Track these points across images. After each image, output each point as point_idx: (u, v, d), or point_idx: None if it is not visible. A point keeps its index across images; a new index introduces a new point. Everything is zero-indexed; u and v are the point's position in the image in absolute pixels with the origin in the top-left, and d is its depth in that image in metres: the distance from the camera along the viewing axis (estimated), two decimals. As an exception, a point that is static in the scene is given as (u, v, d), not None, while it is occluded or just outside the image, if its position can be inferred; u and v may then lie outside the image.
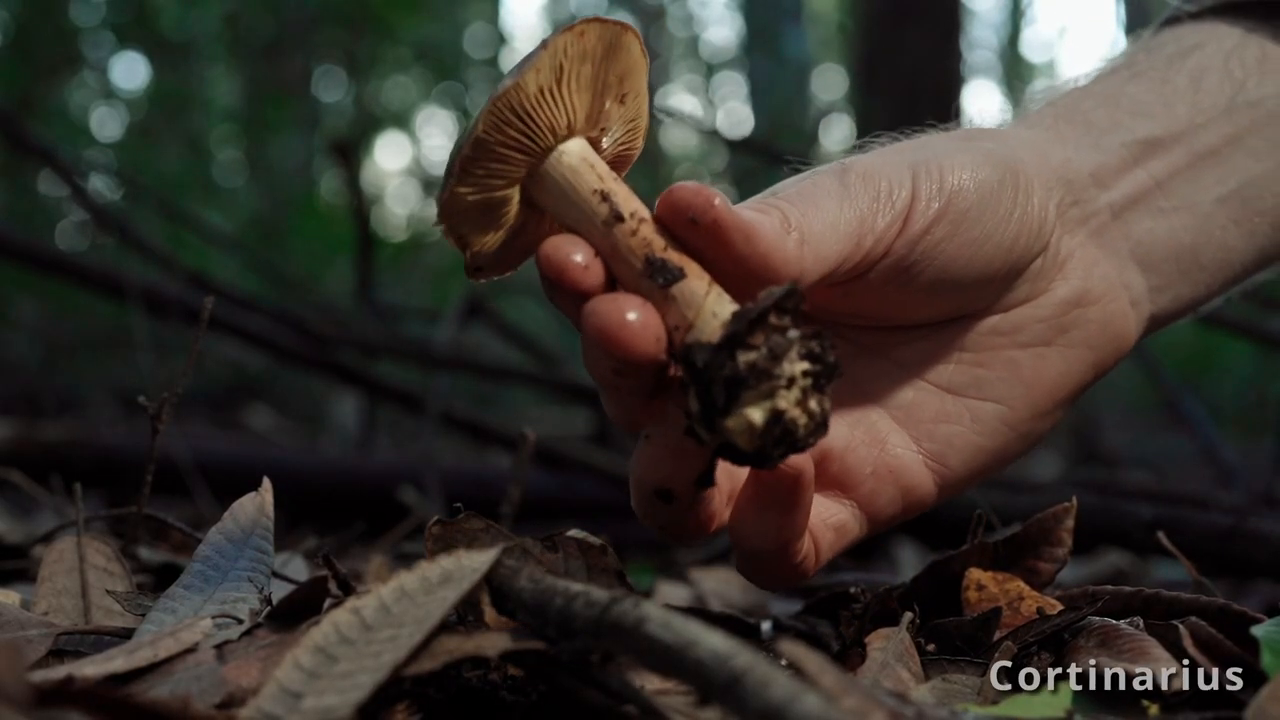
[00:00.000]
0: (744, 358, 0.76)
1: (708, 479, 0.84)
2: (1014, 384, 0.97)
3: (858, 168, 0.88)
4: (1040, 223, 0.94)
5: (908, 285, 0.91)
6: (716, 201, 0.79)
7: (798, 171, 0.94)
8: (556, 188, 0.83)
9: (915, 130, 1.00)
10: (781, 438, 0.77)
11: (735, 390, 0.76)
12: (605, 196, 0.81)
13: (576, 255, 0.80)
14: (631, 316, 0.77)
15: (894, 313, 0.95)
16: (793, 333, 0.77)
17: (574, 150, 0.83)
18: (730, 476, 0.90)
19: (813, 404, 0.77)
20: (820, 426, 0.78)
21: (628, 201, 0.82)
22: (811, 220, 0.83)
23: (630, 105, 0.86)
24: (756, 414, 0.76)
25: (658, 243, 0.80)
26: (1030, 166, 0.95)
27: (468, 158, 0.81)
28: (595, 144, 0.85)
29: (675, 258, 0.80)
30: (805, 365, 0.77)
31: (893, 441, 0.96)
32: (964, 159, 0.91)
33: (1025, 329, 0.97)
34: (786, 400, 0.76)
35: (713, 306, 0.78)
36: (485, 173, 0.83)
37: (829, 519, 0.93)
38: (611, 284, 0.81)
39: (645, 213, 0.82)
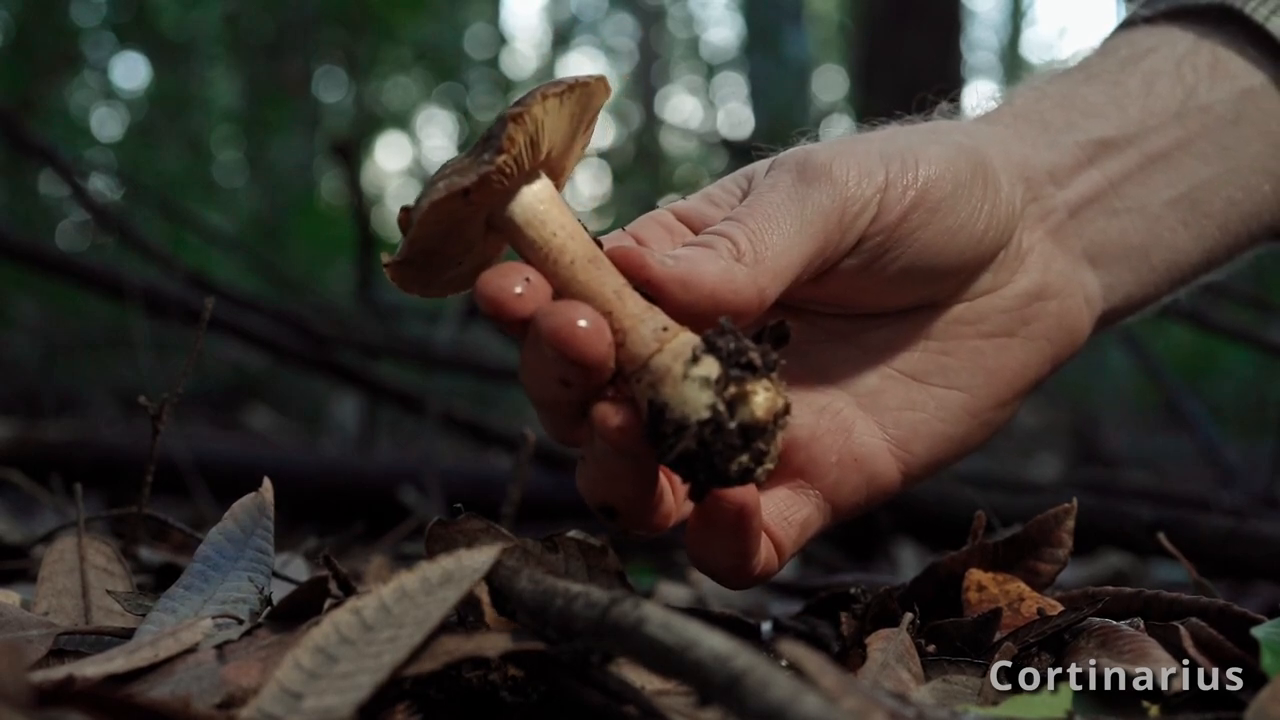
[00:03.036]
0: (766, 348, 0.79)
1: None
2: (977, 372, 0.99)
3: (820, 157, 0.89)
4: (1008, 215, 0.96)
5: (880, 273, 0.92)
6: (647, 262, 0.81)
7: (763, 157, 0.94)
8: (536, 209, 0.83)
9: (880, 123, 1.01)
10: (773, 424, 0.78)
11: (767, 366, 0.78)
12: (583, 223, 0.84)
13: (515, 287, 0.80)
14: (583, 322, 0.78)
15: (864, 299, 0.96)
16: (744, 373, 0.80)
17: (531, 195, 0.84)
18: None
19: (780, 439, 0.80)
20: (775, 457, 0.80)
21: (585, 248, 0.84)
22: (767, 237, 0.84)
23: (580, 152, 0.89)
24: (775, 396, 0.78)
25: None
26: (996, 160, 0.96)
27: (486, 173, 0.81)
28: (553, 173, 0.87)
29: None
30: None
31: (859, 429, 0.97)
32: (937, 150, 0.93)
33: (989, 319, 0.99)
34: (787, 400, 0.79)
35: (659, 332, 0.80)
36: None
37: (792, 516, 0.94)
38: None
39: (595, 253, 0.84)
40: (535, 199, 0.83)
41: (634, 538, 0.91)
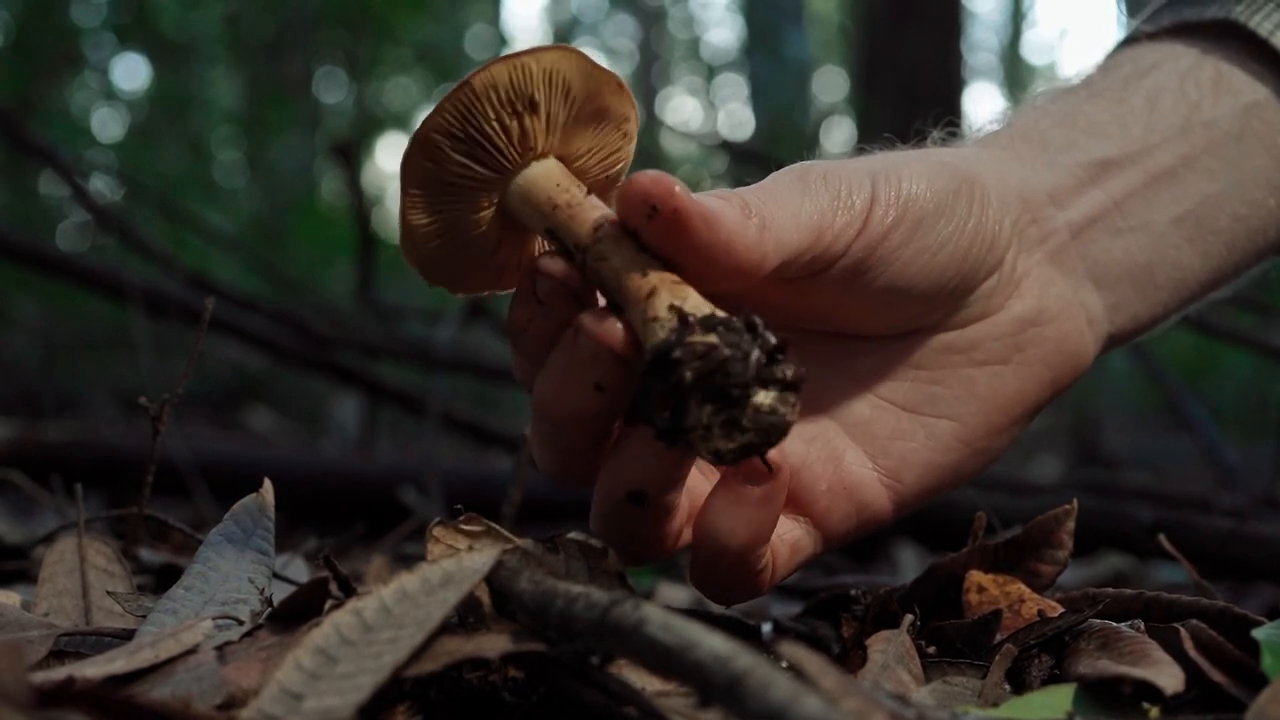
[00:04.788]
0: (712, 351, 0.76)
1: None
2: (969, 401, 0.98)
3: (817, 169, 0.89)
4: (994, 235, 0.94)
5: (861, 291, 0.91)
6: (676, 189, 0.79)
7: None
8: (516, 202, 0.87)
9: (875, 148, 1.01)
10: (755, 429, 0.77)
11: (708, 384, 0.76)
12: (588, 190, 0.86)
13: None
14: (619, 324, 0.80)
15: (846, 318, 0.95)
16: (760, 336, 0.78)
17: (539, 168, 0.87)
18: (690, 495, 0.91)
19: (787, 402, 0.78)
20: (783, 426, 0.78)
21: (592, 211, 0.84)
22: (773, 209, 0.84)
23: (607, 133, 0.90)
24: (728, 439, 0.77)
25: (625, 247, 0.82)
26: (988, 180, 0.95)
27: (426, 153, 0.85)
28: (569, 162, 0.89)
29: (641, 261, 0.81)
30: (772, 368, 0.77)
31: (849, 458, 0.96)
32: (921, 168, 0.92)
33: (981, 346, 0.98)
34: (762, 397, 0.77)
35: (670, 301, 0.79)
36: (443, 191, 0.88)
37: (784, 535, 0.93)
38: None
39: (610, 215, 0.84)
40: (518, 188, 0.86)
41: (638, 561, 0.90)
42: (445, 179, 0.87)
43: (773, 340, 0.78)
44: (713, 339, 0.76)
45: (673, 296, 0.79)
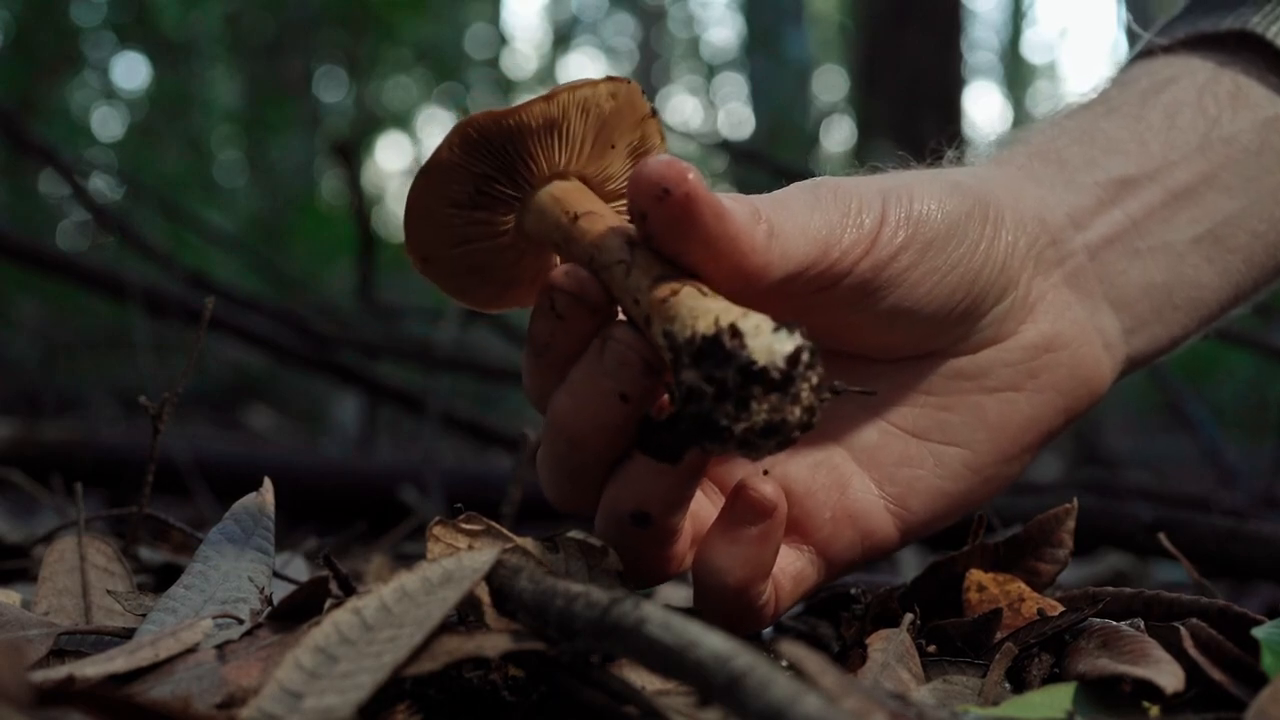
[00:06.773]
0: (687, 406, 0.76)
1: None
2: (979, 428, 0.96)
3: (829, 184, 0.88)
4: (1006, 258, 0.93)
5: (868, 311, 0.89)
6: (690, 175, 0.78)
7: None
8: (531, 225, 0.89)
9: (889, 166, 1.00)
10: (772, 437, 0.76)
11: (702, 435, 0.76)
12: (576, 217, 0.86)
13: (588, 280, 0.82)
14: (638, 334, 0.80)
15: (853, 339, 0.94)
16: (729, 355, 0.76)
17: (560, 184, 0.89)
18: (694, 519, 0.90)
19: (790, 397, 0.76)
20: (794, 423, 0.76)
21: (584, 237, 0.84)
22: (782, 218, 0.83)
23: (627, 157, 0.91)
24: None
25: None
26: (1003, 202, 0.94)
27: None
28: (589, 182, 0.90)
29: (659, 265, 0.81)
30: (751, 385, 0.75)
31: (854, 485, 0.95)
32: (934, 189, 0.90)
33: (992, 373, 0.96)
34: (757, 416, 0.75)
35: (663, 328, 0.78)
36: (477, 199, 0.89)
37: (786, 567, 0.92)
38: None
39: (601, 238, 0.84)
40: (531, 210, 0.88)
41: (639, 583, 0.90)
42: (457, 239, 0.91)
43: (745, 356, 0.74)
44: (691, 377, 0.75)
45: (664, 321, 0.78)
